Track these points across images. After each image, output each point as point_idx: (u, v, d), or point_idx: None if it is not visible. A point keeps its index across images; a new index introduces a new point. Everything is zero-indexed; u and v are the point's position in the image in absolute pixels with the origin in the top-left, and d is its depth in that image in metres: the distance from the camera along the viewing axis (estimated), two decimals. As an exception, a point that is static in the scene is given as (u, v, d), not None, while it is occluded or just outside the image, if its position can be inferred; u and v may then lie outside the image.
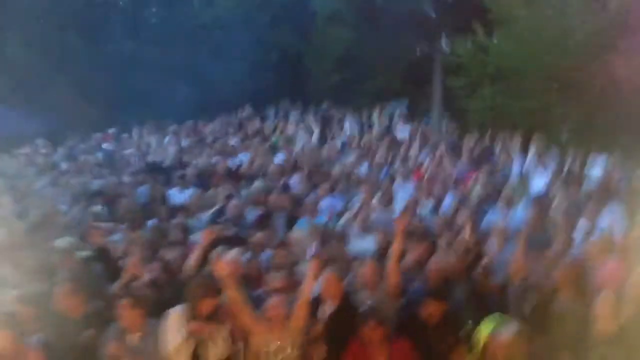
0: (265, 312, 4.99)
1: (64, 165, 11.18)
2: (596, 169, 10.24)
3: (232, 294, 4.88)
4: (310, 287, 5.00)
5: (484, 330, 4.73)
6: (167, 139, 13.47)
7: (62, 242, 6.36)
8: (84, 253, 6.28)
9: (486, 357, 4.72)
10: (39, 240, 6.85)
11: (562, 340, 5.01)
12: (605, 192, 8.56)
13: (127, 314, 4.86)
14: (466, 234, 6.59)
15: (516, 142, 11.51)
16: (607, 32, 13.22)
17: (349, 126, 15.44)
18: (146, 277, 5.56)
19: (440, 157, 10.63)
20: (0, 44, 17.43)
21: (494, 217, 7.53)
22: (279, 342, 4.88)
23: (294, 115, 16.87)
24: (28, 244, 6.69)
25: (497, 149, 11.85)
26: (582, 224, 7.22)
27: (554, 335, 5.02)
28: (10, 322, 4.59)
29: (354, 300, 5.31)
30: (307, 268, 5.03)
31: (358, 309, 5.05)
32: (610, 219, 7.56)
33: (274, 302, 5.00)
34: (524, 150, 11.35)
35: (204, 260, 5.72)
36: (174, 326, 4.82)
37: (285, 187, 9.56)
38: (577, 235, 6.92)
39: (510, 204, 8.04)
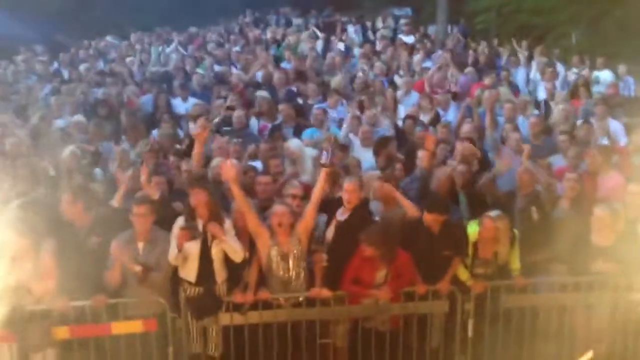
0: (271, 218, 5.10)
1: (65, 74, 11.03)
2: (605, 74, 10.18)
3: (238, 197, 4.99)
4: (320, 194, 5.09)
5: (473, 226, 5.03)
6: (170, 47, 13.20)
7: (66, 150, 6.39)
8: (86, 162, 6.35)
9: (477, 247, 5.04)
10: (41, 147, 6.90)
11: (561, 251, 5.19)
12: (613, 98, 8.59)
13: (136, 221, 5.00)
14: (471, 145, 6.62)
15: (523, 49, 11.35)
16: None
17: (353, 32, 15.13)
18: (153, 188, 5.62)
19: (445, 65, 10.48)
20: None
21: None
22: (283, 248, 5.03)
23: (296, 22, 16.49)
24: (31, 152, 6.73)
25: (504, 56, 11.68)
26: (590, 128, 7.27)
27: (554, 245, 5.18)
28: (24, 227, 4.70)
29: (367, 210, 5.42)
30: (320, 175, 5.10)
31: (370, 219, 5.19)
32: (614, 126, 7.63)
33: (277, 210, 5.09)
34: (531, 57, 11.21)
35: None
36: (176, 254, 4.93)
37: (291, 96, 9.47)
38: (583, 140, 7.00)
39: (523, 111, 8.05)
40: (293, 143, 6.95)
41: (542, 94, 9.36)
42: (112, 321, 4.85)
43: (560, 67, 10.64)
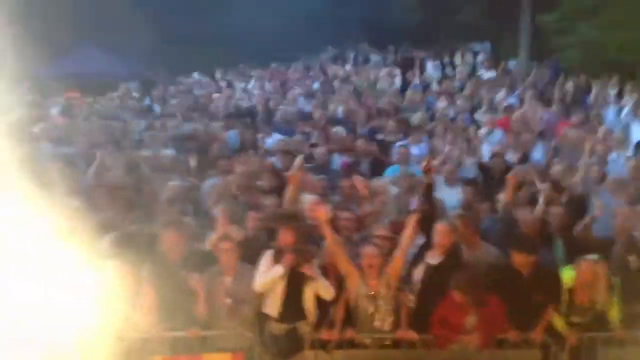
0: (361, 258, 5.15)
1: (156, 109, 11.59)
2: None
3: (330, 238, 5.08)
4: (410, 239, 5.11)
5: (568, 271, 4.83)
6: (251, 83, 13.66)
7: (163, 184, 6.67)
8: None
9: (573, 293, 4.84)
10: (135, 181, 7.22)
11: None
12: None
13: (226, 257, 5.15)
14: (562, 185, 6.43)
15: (612, 87, 10.97)
16: None
17: (431, 68, 15.12)
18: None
19: (529, 102, 10.27)
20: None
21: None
22: (372, 289, 5.05)
23: (374, 58, 16.66)
24: (128, 185, 7.04)
25: (592, 94, 11.30)
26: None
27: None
28: (129, 259, 4.92)
29: (460, 254, 5.36)
30: (408, 219, 5.13)
31: (461, 264, 5.14)
32: None
33: (368, 251, 5.14)
34: (620, 95, 10.82)
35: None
36: (266, 265, 5.08)
37: (372, 133, 9.55)
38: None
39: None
40: (378, 180, 6.98)
41: (637, 134, 8.98)
42: (203, 353, 4.99)
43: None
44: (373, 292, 5.04)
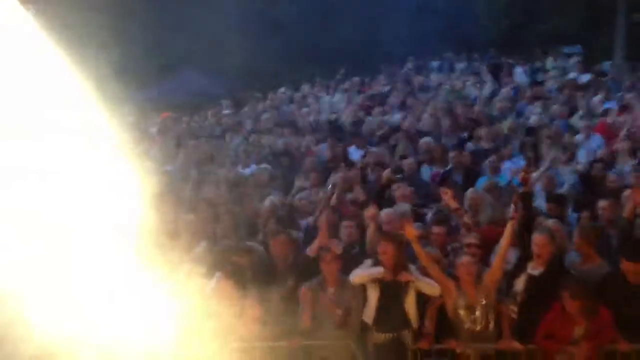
0: (456, 270, 5.17)
1: (248, 125, 12.03)
2: None
3: (421, 255, 5.16)
4: (507, 246, 5.08)
5: None
6: (336, 96, 13.90)
7: (267, 201, 6.95)
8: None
9: None
10: (239, 197, 7.55)
11: None
12: None
13: (328, 268, 5.30)
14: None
15: None
16: None
17: (521, 74, 14.74)
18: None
19: (631, 106, 9.83)
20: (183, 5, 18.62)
21: None
22: (470, 299, 5.05)
23: (459, 66, 16.45)
24: (231, 200, 7.37)
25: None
26: None
27: None
28: (234, 271, 5.19)
29: (562, 264, 5.26)
30: (506, 228, 5.10)
31: (565, 274, 5.04)
32: None
33: (464, 261, 5.15)
34: None
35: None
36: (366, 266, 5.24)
37: (462, 143, 9.46)
38: None
39: None
40: (473, 190, 6.94)
41: None
42: (306, 362, 5.16)
43: None
44: (471, 302, 5.03)
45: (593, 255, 5.33)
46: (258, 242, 6.18)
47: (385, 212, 6.23)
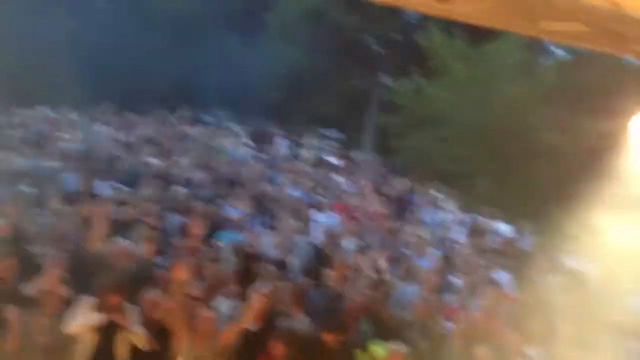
0: (197, 322, 5.21)
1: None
2: (502, 227, 11.13)
3: (178, 296, 5.13)
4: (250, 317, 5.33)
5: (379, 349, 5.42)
6: (96, 126, 13.27)
7: None
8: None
9: None
10: None
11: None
12: (507, 250, 9.44)
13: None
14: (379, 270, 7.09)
15: (435, 190, 12.34)
16: (533, 100, 14.47)
17: (281, 145, 15.76)
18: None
19: (365, 192, 11.18)
20: None
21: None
22: (199, 353, 5.13)
23: (228, 126, 16.94)
24: None
25: (418, 194, 12.52)
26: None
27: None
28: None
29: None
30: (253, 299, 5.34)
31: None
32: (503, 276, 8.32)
33: (206, 315, 5.26)
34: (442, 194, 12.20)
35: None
36: (83, 311, 5.02)
37: (213, 198, 9.64)
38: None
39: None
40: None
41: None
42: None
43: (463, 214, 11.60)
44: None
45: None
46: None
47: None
